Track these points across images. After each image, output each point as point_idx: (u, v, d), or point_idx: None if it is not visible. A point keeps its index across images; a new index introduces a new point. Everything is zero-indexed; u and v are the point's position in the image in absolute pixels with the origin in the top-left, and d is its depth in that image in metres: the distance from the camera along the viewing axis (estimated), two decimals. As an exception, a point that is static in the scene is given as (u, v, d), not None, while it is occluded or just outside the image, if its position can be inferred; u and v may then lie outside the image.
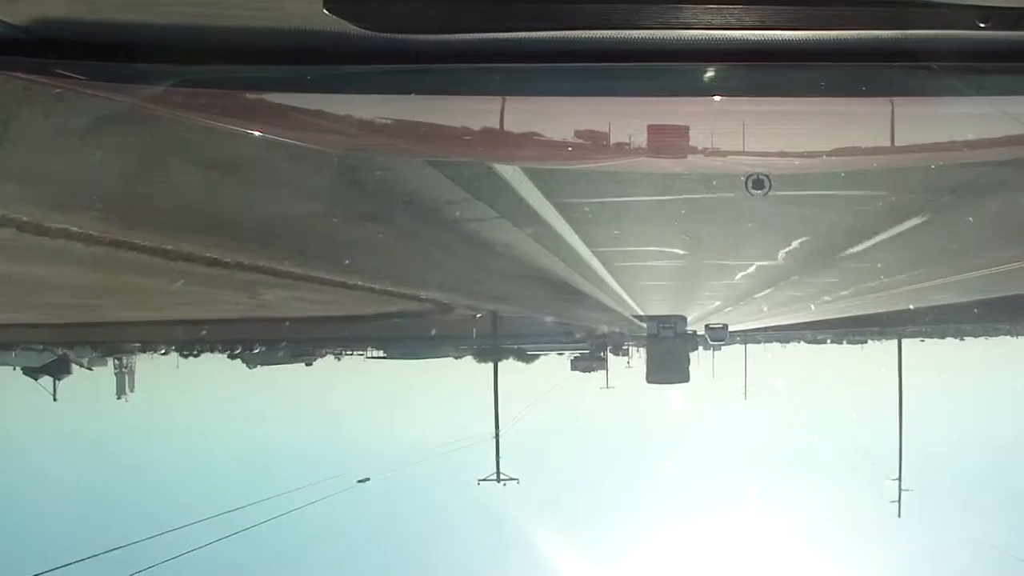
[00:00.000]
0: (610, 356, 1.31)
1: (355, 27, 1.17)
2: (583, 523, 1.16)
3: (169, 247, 1.27)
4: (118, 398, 1.21)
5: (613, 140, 1.36)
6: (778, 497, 1.19)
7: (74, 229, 1.26)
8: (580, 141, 1.37)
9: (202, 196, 1.35)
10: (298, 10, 1.17)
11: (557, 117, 1.36)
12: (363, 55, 1.24)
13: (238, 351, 1.25)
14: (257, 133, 1.33)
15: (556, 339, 1.35)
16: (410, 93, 1.32)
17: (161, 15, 1.21)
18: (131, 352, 1.25)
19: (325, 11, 1.14)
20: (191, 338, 1.26)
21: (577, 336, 1.36)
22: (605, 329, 1.37)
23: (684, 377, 1.26)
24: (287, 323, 1.35)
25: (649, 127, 1.37)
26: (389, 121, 1.40)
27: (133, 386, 1.22)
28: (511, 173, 1.40)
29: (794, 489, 1.18)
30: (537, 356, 1.33)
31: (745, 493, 1.20)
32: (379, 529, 1.13)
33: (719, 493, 1.18)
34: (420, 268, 1.40)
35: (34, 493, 1.15)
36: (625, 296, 1.39)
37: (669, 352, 1.27)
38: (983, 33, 1.19)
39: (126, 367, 1.23)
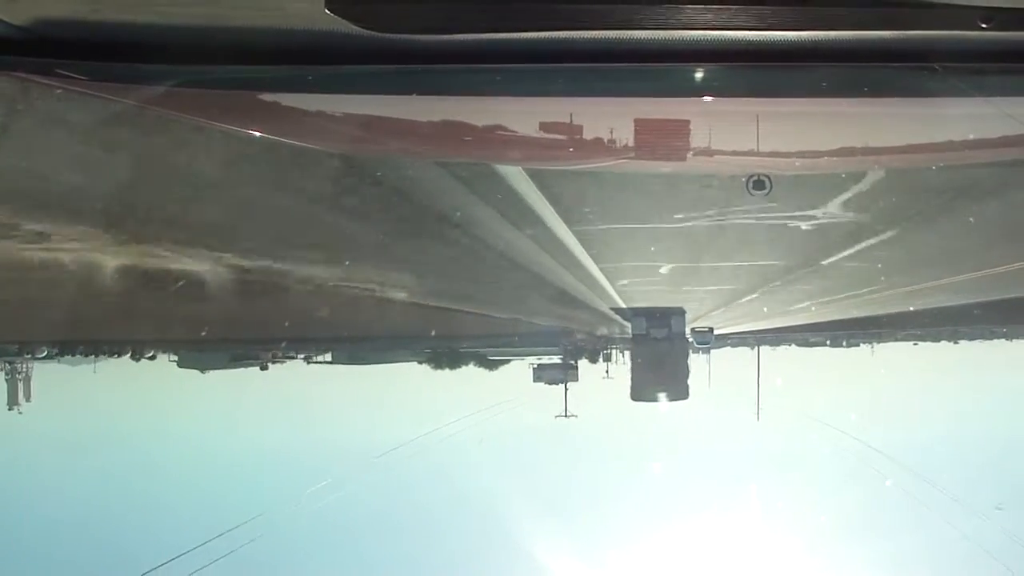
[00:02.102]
0: (586, 363, 1.06)
1: (356, 27, 1.17)
2: None
3: (128, 244, 1.24)
4: (9, 409, 1.09)
5: (614, 141, 1.36)
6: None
7: (56, 231, 1.24)
8: (580, 142, 1.36)
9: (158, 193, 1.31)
10: (299, 10, 1.17)
11: (557, 118, 1.36)
12: (364, 55, 1.24)
13: (168, 354, 1.16)
14: (257, 133, 1.33)
15: (514, 340, 1.13)
16: (411, 93, 1.32)
17: (162, 15, 1.21)
18: (29, 356, 1.15)
19: (326, 11, 1.14)
20: (110, 339, 1.18)
21: (545, 338, 1.15)
22: (582, 328, 1.16)
23: (681, 392, 1.03)
24: (226, 322, 1.26)
25: (650, 128, 1.37)
26: (390, 121, 1.40)
27: (29, 395, 1.10)
28: (503, 171, 1.38)
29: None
30: (501, 363, 1.09)
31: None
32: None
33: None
34: (379, 261, 1.30)
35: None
36: (610, 290, 1.30)
37: (662, 359, 1.06)
38: (985, 34, 1.18)
39: (20, 373, 1.11)
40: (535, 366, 1.05)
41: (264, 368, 1.20)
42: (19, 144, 1.31)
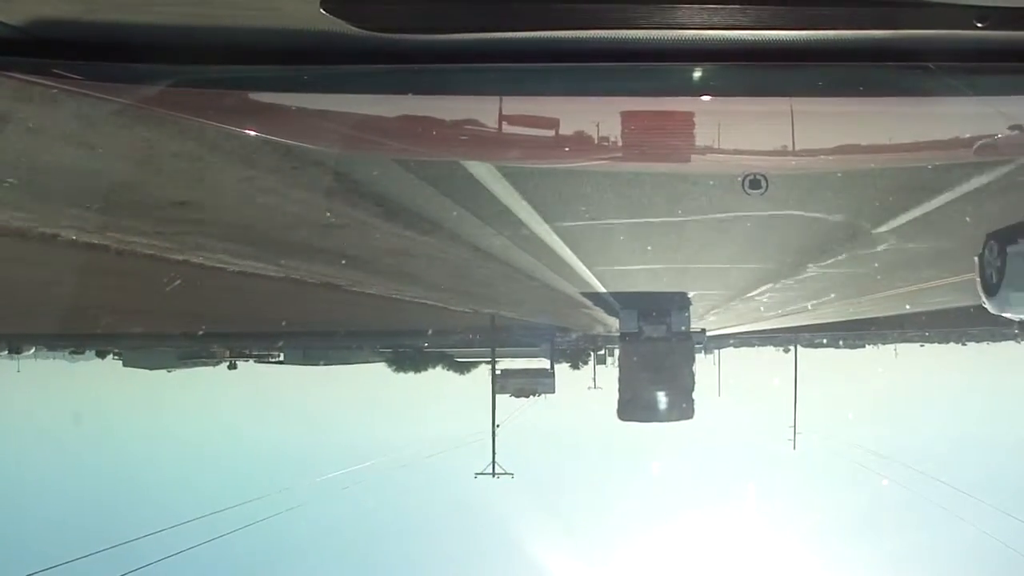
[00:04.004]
0: (567, 367, 0.80)
1: (352, 27, 1.17)
2: None
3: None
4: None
5: (610, 139, 1.36)
6: None
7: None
8: (577, 140, 1.36)
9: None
10: (295, 10, 1.17)
11: (554, 117, 1.36)
12: (360, 55, 1.24)
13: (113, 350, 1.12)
14: (253, 132, 1.34)
15: (481, 340, 0.94)
16: (407, 93, 1.33)
17: (159, 15, 1.21)
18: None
19: (322, 11, 1.14)
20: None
21: (520, 337, 0.95)
22: (564, 325, 0.97)
23: (684, 411, 0.75)
24: (176, 318, 1.19)
25: (646, 127, 1.37)
26: (386, 120, 1.40)
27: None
28: (499, 169, 1.37)
29: None
30: (468, 367, 0.92)
31: None
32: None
33: None
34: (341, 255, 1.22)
35: None
36: (595, 282, 1.16)
37: (659, 367, 0.79)
38: (980, 33, 1.18)
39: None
40: (499, 373, 0.77)
41: (232, 367, 1.18)
42: (12, 143, 1.31)
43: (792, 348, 1.17)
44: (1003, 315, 1.26)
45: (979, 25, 1.18)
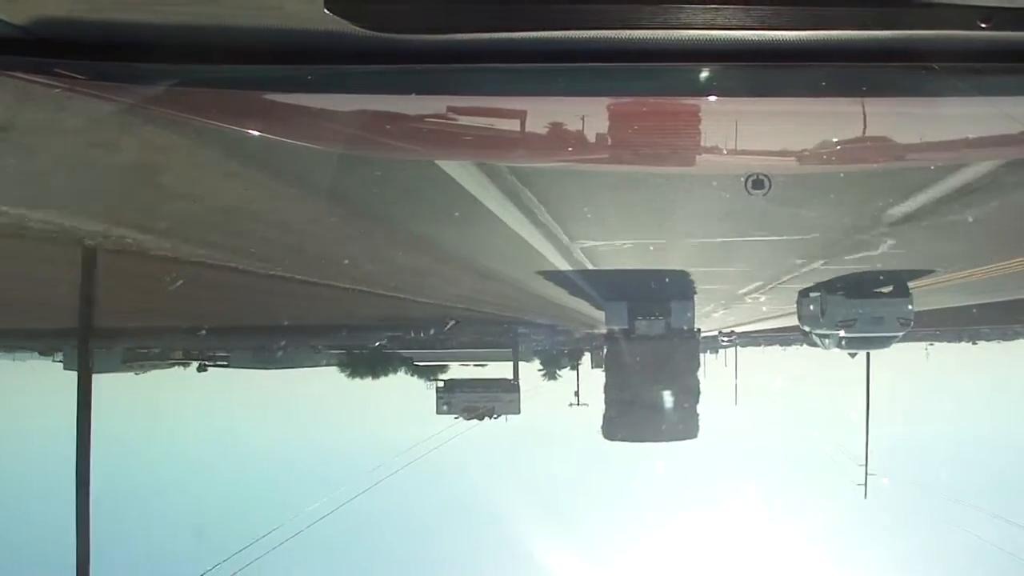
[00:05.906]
0: (540, 376, 0.71)
1: (356, 27, 1.17)
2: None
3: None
4: None
5: (612, 140, 1.36)
6: None
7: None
8: (579, 141, 1.36)
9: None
10: (299, 10, 1.17)
11: (557, 117, 1.36)
12: (364, 55, 1.24)
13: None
14: (256, 132, 1.33)
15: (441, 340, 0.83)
16: (410, 93, 1.33)
17: (161, 15, 1.21)
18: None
19: (326, 11, 1.14)
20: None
21: (496, 339, 0.82)
22: (541, 323, 0.83)
23: (686, 428, 0.65)
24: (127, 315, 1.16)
25: (649, 127, 1.37)
26: (388, 120, 1.40)
27: None
28: (499, 170, 1.36)
29: None
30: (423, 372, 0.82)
31: None
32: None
33: None
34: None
35: None
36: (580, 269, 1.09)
37: (655, 374, 0.68)
38: (984, 33, 1.18)
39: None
40: (440, 386, 0.63)
41: (203, 369, 1.17)
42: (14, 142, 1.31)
43: (863, 355, 1.03)
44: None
45: (983, 25, 1.18)
